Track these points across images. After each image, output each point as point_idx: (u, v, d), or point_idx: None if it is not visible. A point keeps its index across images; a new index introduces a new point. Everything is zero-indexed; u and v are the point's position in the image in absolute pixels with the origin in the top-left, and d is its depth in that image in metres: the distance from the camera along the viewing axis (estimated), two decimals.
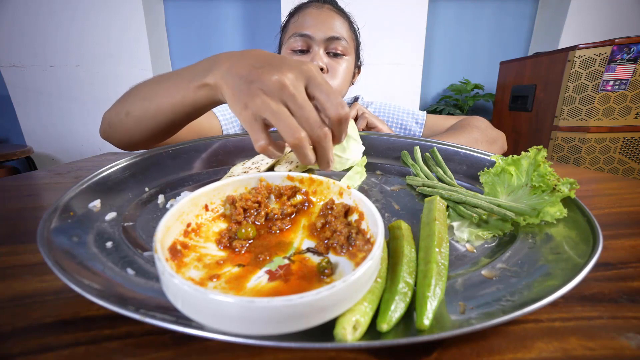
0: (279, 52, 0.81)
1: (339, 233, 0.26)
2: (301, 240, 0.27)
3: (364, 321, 0.19)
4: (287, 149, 0.52)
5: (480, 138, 0.69)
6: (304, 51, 0.73)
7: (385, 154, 0.55)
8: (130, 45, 1.93)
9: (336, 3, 0.79)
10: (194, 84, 0.36)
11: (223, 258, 0.25)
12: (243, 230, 0.27)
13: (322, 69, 0.71)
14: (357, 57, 0.83)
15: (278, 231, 0.28)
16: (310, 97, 0.30)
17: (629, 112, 1.52)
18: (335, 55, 0.74)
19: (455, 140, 0.63)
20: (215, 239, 0.27)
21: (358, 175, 0.47)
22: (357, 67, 0.85)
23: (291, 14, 0.78)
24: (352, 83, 0.83)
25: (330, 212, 0.29)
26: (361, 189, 0.45)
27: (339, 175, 0.44)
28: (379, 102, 0.89)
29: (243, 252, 0.25)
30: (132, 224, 0.33)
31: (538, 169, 0.36)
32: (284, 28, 0.79)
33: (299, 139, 0.28)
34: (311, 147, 0.30)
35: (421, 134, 0.84)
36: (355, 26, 0.80)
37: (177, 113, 0.42)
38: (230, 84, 0.31)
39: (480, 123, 0.73)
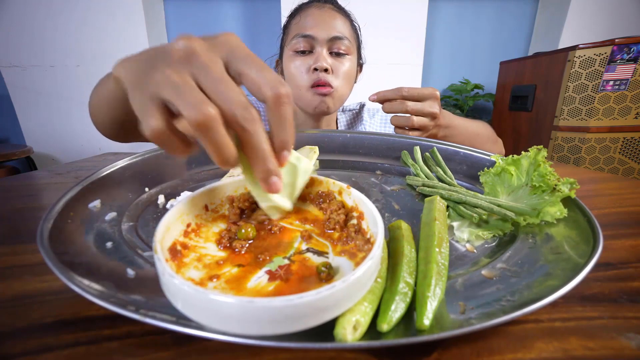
0: (281, 54, 0.81)
1: (336, 215, 0.27)
2: (301, 240, 0.27)
3: (364, 321, 0.19)
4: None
5: (487, 133, 0.72)
6: (307, 52, 0.73)
7: (385, 154, 0.55)
8: (130, 45, 1.93)
9: (337, 2, 0.78)
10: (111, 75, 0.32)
11: (223, 258, 0.24)
12: (243, 231, 0.27)
13: (326, 70, 0.71)
14: (359, 55, 0.83)
15: (279, 231, 0.28)
16: (235, 77, 0.23)
17: (629, 112, 1.52)
18: (338, 55, 0.74)
19: (466, 124, 0.67)
20: (215, 239, 0.27)
21: (313, 153, 0.48)
22: (359, 66, 0.85)
23: (292, 15, 0.78)
24: (355, 82, 0.83)
25: (321, 200, 0.30)
26: (361, 189, 0.45)
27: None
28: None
29: (243, 252, 0.25)
30: (132, 224, 0.33)
31: (538, 169, 0.36)
32: (285, 29, 0.79)
33: (204, 114, 0.20)
34: (229, 138, 0.21)
35: None
36: (356, 24, 0.80)
37: (109, 105, 0.41)
38: (130, 70, 0.24)
39: (488, 126, 0.77)
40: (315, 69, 0.71)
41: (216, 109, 0.20)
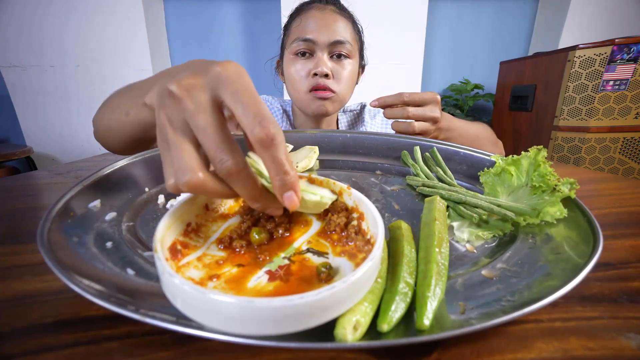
0: (282, 55, 0.80)
1: (337, 218, 0.27)
2: (301, 241, 0.27)
3: (365, 321, 0.19)
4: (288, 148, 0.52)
5: (487, 135, 0.72)
6: (308, 55, 0.72)
7: (385, 154, 0.55)
8: (130, 45, 1.93)
9: (339, 3, 0.77)
10: (139, 101, 0.34)
11: (223, 258, 0.24)
12: (256, 236, 0.26)
13: (327, 75, 0.70)
14: (361, 57, 0.82)
15: (287, 234, 0.28)
16: (230, 115, 0.23)
17: (629, 112, 1.52)
18: (340, 58, 0.73)
19: (466, 126, 0.67)
20: (216, 238, 0.27)
21: (313, 153, 0.49)
22: (362, 67, 0.84)
23: (292, 16, 0.77)
24: (356, 83, 0.83)
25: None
26: (361, 189, 0.45)
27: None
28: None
29: (243, 252, 0.25)
30: (132, 224, 0.33)
31: (538, 169, 0.36)
32: (286, 30, 0.78)
33: (185, 183, 0.21)
34: (221, 187, 0.23)
35: None
36: (359, 26, 0.79)
37: (133, 130, 0.42)
38: (155, 104, 0.25)
39: (488, 128, 0.76)
40: (316, 74, 0.70)
41: (202, 170, 0.21)
